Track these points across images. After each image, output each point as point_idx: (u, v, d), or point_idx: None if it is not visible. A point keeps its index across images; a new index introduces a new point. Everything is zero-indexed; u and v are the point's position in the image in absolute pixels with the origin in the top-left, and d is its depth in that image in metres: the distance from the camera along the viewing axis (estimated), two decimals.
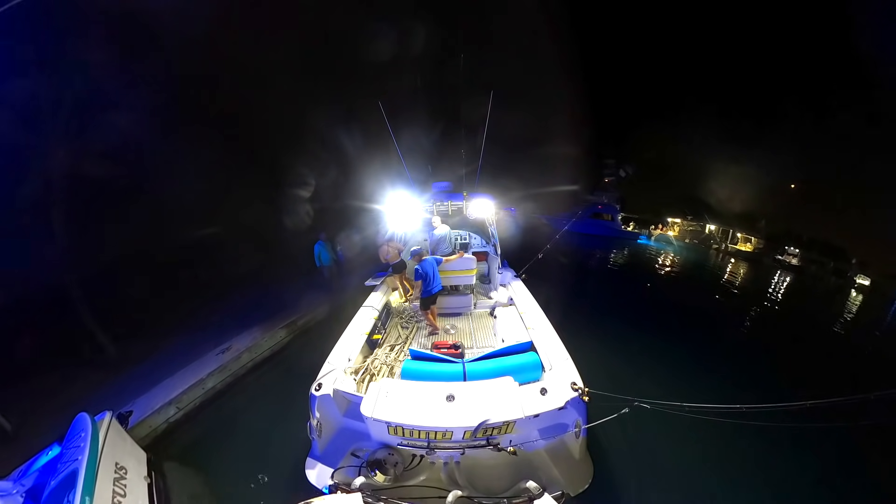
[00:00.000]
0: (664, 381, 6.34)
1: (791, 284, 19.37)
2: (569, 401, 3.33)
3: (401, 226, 7.93)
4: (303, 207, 15.88)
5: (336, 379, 3.86)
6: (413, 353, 4.33)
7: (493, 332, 6.13)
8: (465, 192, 7.76)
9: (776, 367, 7.73)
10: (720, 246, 29.82)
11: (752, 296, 15.44)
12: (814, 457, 4.82)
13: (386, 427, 3.19)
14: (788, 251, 25.43)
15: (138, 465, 3.63)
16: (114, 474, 3.25)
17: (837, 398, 2.34)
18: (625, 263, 22.04)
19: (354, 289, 5.63)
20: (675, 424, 4.43)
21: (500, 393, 3.34)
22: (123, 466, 3.39)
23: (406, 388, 3.48)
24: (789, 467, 4.73)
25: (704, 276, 19.46)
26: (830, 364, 8.54)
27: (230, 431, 5.05)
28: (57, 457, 3.40)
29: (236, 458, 4.55)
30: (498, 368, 3.94)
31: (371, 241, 7.25)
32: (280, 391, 5.56)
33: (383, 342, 5.63)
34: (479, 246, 8.51)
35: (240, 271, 10.56)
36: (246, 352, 6.68)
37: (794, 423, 4.21)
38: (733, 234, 30.42)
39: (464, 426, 3.06)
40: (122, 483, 3.25)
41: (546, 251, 7.72)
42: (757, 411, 2.56)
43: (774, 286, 18.24)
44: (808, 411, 2.48)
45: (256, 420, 5.18)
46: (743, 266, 23.73)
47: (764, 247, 27.84)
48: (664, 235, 32.27)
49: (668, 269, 20.69)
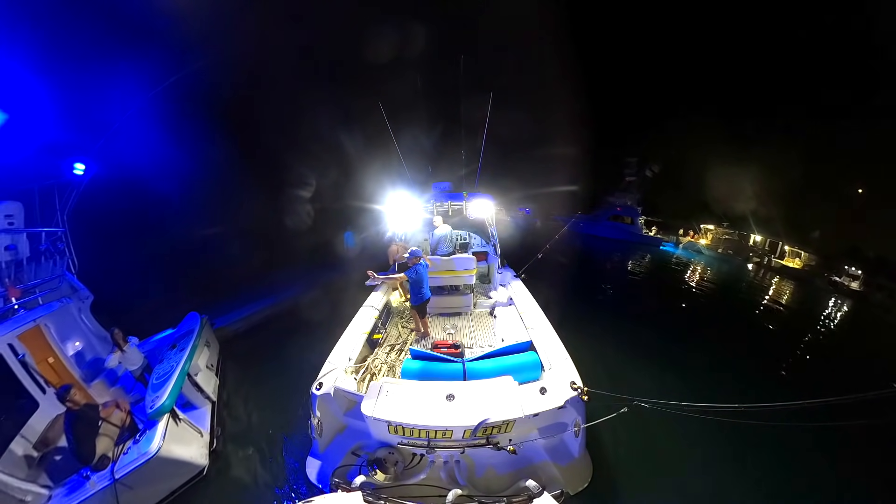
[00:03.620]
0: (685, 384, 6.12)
1: (849, 314, 15.45)
2: (568, 400, 3.35)
3: (401, 226, 7.96)
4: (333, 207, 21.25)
5: (337, 378, 3.87)
6: (413, 353, 4.36)
7: (492, 332, 6.15)
8: (465, 192, 7.78)
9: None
10: (762, 259, 25.06)
11: (798, 323, 12.52)
12: (811, 456, 4.83)
13: (386, 426, 3.21)
14: (848, 272, 20.53)
15: (216, 351, 6.33)
16: (205, 351, 5.76)
17: (834, 398, 2.35)
18: (642, 271, 20.00)
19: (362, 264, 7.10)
20: (674, 424, 4.47)
21: (499, 392, 3.36)
22: (208, 348, 5.97)
23: (406, 388, 3.50)
24: (787, 466, 4.74)
25: (740, 295, 16.39)
26: None
27: (277, 347, 7.40)
28: (171, 334, 5.96)
29: (272, 369, 6.59)
30: (498, 368, 3.96)
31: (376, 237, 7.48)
32: (309, 328, 7.72)
33: (383, 342, 5.65)
34: (479, 246, 8.54)
35: (290, 251, 16.23)
36: (291, 299, 10.39)
37: (792, 423, 4.22)
38: (781, 247, 25.45)
39: (464, 425, 3.08)
40: (206, 357, 5.74)
41: (546, 251, 7.72)
42: (755, 410, 2.57)
43: (828, 315, 14.93)
44: (807, 411, 2.49)
45: (294, 344, 7.26)
46: (788, 286, 19.63)
47: (816, 264, 23.07)
48: (693, 243, 28.12)
49: (695, 281, 17.81)
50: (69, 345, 5.37)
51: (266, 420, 5.25)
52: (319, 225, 21.67)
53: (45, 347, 4.98)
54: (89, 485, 3.64)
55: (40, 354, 4.85)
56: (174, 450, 3.97)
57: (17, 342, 4.53)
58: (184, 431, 4.25)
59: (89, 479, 3.68)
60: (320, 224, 21.81)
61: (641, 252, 25.19)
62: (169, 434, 3.97)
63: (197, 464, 4.19)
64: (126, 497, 3.68)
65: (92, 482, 3.65)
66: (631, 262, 21.62)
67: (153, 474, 3.84)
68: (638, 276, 18.68)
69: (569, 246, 20.41)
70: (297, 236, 19.21)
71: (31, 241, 5.44)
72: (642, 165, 30.53)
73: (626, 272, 19.44)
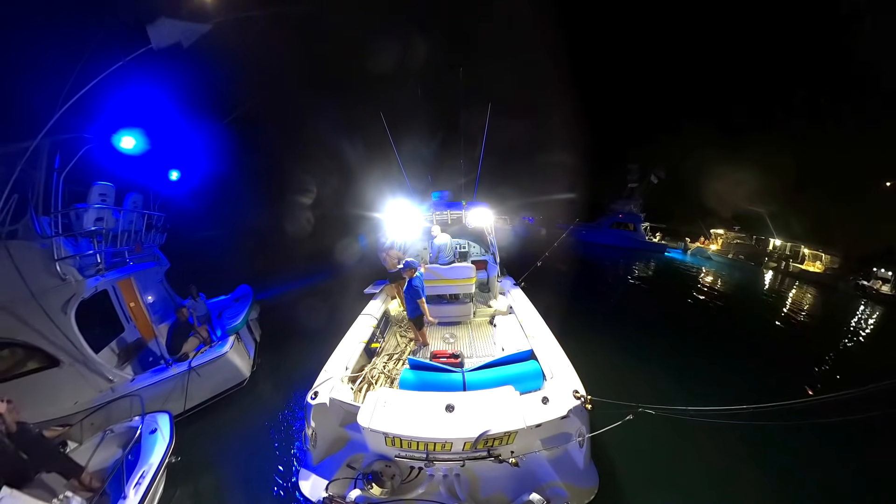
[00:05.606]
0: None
1: (881, 320, 14.06)
2: (571, 409, 3.25)
3: (401, 234, 7.94)
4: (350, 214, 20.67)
5: (333, 388, 3.78)
6: (412, 363, 4.27)
7: (492, 341, 6.05)
8: (465, 201, 7.81)
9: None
10: (779, 265, 23.69)
11: (821, 331, 11.63)
12: (824, 453, 4.73)
13: (383, 438, 3.11)
14: (877, 275, 18.80)
15: (257, 311, 8.30)
16: (255, 307, 8.02)
17: (842, 392, 2.25)
18: (645, 278, 19.27)
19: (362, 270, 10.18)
20: (682, 429, 4.35)
21: (500, 402, 3.26)
22: (253, 313, 7.93)
23: (404, 398, 3.40)
24: (797, 466, 4.63)
25: (755, 302, 15.32)
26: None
27: (303, 320, 9.23)
28: (228, 297, 8.48)
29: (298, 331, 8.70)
30: (498, 378, 3.88)
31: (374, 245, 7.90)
32: (326, 303, 9.93)
33: (381, 351, 5.55)
34: (478, 255, 8.51)
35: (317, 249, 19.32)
36: (312, 286, 13.41)
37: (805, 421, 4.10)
38: (801, 251, 23.83)
39: (464, 437, 2.98)
40: (255, 312, 8.06)
41: (546, 259, 7.69)
42: (762, 411, 2.47)
43: (857, 322, 13.71)
44: (819, 407, 2.39)
45: (315, 315, 9.14)
46: (809, 292, 18.17)
47: (840, 267, 21.41)
48: (702, 249, 27.28)
49: (704, 288, 16.71)
50: (147, 296, 7.38)
51: (287, 360, 7.50)
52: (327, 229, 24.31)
53: (131, 295, 6.96)
54: (171, 370, 5.56)
55: (128, 298, 6.81)
56: (234, 358, 6.12)
57: (116, 286, 6.47)
58: (241, 350, 6.55)
59: (171, 366, 5.65)
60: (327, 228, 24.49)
61: (644, 259, 24.81)
62: (233, 348, 6.16)
63: (244, 374, 6.30)
64: (194, 383, 5.60)
65: (173, 368, 5.58)
66: (633, 269, 21.27)
67: (216, 370, 5.88)
68: (640, 283, 18.39)
69: (570, 254, 20.30)
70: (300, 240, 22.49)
71: (141, 221, 7.38)
72: (644, 171, 30.26)
73: (628, 279, 19.14)
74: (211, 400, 5.90)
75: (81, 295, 5.31)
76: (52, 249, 5.16)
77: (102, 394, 5.29)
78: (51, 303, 5.05)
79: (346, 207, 21.58)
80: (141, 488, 3.66)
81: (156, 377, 5.46)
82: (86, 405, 5.09)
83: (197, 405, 5.74)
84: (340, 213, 22.82)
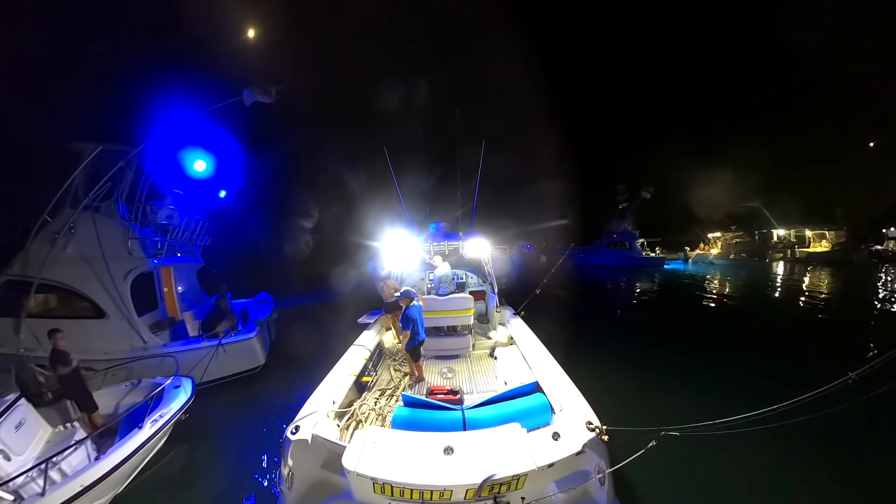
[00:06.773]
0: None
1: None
2: (586, 443, 2.93)
3: (398, 264, 7.88)
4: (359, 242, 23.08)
5: (317, 423, 3.40)
6: (406, 399, 4.01)
7: (494, 375, 5.71)
8: (462, 232, 7.85)
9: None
10: (785, 253, 23.34)
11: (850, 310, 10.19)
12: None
13: (371, 484, 2.73)
14: (889, 235, 18.00)
15: (276, 313, 10.16)
16: (273, 316, 9.92)
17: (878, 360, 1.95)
18: (647, 293, 19.16)
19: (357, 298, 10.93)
20: (713, 446, 4.07)
21: (506, 442, 2.96)
22: (273, 314, 9.93)
23: (397, 439, 3.09)
24: (854, 456, 4.32)
25: (768, 298, 14.22)
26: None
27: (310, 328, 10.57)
28: (248, 301, 10.76)
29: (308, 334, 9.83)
30: (502, 414, 3.62)
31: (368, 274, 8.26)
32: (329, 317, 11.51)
33: (373, 385, 5.17)
34: (475, 285, 8.40)
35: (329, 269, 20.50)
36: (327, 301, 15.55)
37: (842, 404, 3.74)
38: (802, 235, 23.32)
39: (465, 483, 2.64)
40: (272, 322, 9.78)
41: (544, 286, 7.57)
42: (801, 404, 2.13)
43: (883, 288, 12.17)
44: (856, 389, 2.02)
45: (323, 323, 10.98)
46: (824, 273, 16.88)
47: (848, 240, 20.49)
48: (703, 255, 27.58)
49: (711, 294, 15.61)
50: (179, 286, 8.87)
51: (293, 355, 8.54)
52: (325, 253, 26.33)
53: (168, 281, 8.48)
54: (203, 343, 7.08)
55: (165, 283, 8.33)
56: (256, 345, 7.63)
57: (159, 271, 8.12)
58: (261, 340, 7.93)
59: (203, 339, 7.22)
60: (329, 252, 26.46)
61: (645, 274, 25.04)
62: (258, 337, 7.69)
63: (260, 360, 7.75)
64: (220, 358, 6.97)
65: (205, 342, 7.07)
66: (634, 286, 21.23)
67: (240, 351, 7.37)
68: (643, 299, 18.23)
69: (569, 278, 20.42)
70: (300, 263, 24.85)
71: (197, 224, 9.53)
72: (633, 190, 31.68)
73: (631, 297, 19.01)
74: (229, 377, 7.27)
75: (141, 269, 7.10)
76: (128, 230, 7.09)
77: (134, 350, 6.68)
78: (117, 268, 6.75)
79: (345, 234, 23.47)
80: (157, 424, 4.42)
81: (188, 346, 7.00)
82: (115, 356, 6.25)
83: (217, 378, 7.06)
84: (339, 239, 24.65)
